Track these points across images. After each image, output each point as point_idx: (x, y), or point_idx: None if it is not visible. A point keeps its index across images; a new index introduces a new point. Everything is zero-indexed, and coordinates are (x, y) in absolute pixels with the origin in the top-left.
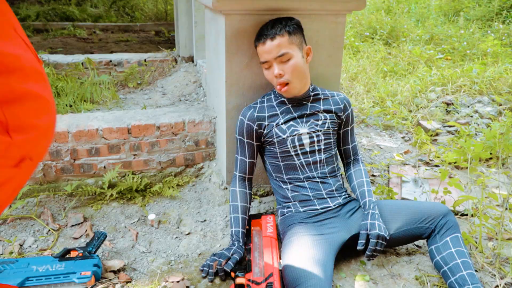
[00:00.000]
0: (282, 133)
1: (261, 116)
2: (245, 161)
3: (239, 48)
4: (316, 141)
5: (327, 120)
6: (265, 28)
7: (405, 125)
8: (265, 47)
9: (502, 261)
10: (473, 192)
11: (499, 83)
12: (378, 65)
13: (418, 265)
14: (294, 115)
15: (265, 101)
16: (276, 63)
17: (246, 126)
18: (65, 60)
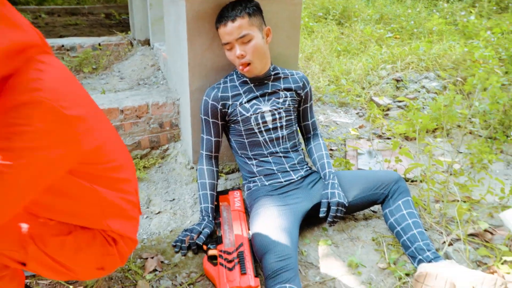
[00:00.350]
0: (246, 112)
1: (225, 96)
2: (211, 140)
3: (200, 30)
4: (278, 118)
5: (287, 98)
6: (226, 10)
7: (359, 102)
8: (226, 28)
9: (448, 220)
10: (421, 160)
11: (444, 60)
12: (332, 44)
13: (374, 228)
14: (256, 94)
15: (228, 82)
16: (238, 44)
17: (211, 106)
18: None
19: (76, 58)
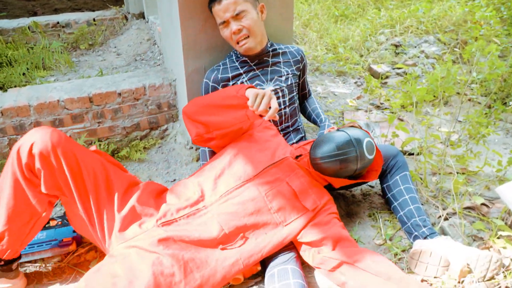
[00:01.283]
0: None
1: (225, 77)
2: None
3: (192, 12)
4: (281, 95)
5: (289, 75)
6: None
7: (357, 70)
8: (221, 6)
9: (444, 193)
10: (419, 133)
11: (443, 22)
12: (329, 9)
13: (372, 203)
14: (257, 73)
15: (227, 63)
16: (233, 20)
17: (212, 88)
18: (10, 25)
19: (72, 35)
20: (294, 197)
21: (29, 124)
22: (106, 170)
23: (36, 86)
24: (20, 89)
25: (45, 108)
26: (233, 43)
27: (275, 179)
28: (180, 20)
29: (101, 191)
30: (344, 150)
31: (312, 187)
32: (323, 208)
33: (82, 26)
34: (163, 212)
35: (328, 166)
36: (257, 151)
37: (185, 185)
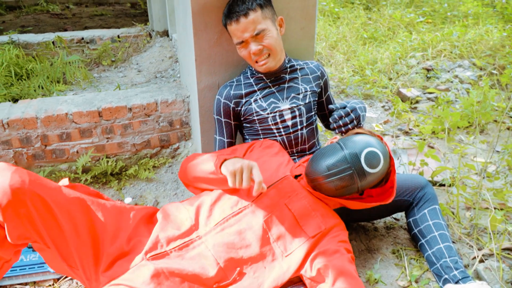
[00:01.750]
0: (263, 111)
1: (238, 93)
2: (224, 141)
3: (207, 24)
4: (298, 115)
5: (307, 92)
6: (234, 4)
7: (385, 94)
8: (240, 25)
9: (479, 231)
10: (451, 162)
11: (479, 46)
12: (358, 31)
13: (396, 238)
14: (272, 90)
15: (241, 79)
16: (253, 40)
17: (223, 105)
18: (35, 39)
19: (95, 51)
20: (294, 222)
21: (35, 137)
22: (86, 209)
23: (48, 99)
24: (31, 101)
25: (53, 121)
26: (252, 63)
27: (274, 203)
28: (193, 31)
29: (82, 235)
30: (337, 169)
31: (316, 209)
32: (329, 233)
33: (105, 43)
34: (152, 242)
35: (323, 187)
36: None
37: (178, 209)
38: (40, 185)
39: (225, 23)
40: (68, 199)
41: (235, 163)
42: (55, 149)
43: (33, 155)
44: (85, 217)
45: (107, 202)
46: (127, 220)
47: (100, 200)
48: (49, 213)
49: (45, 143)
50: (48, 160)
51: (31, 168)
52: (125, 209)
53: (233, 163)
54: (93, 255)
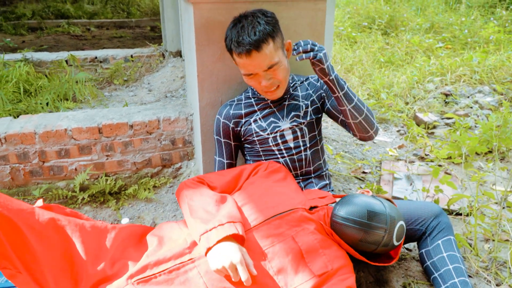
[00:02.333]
0: (262, 131)
1: (237, 113)
2: (223, 162)
3: (210, 39)
4: (300, 135)
5: (308, 109)
6: (243, 32)
7: (400, 118)
8: (252, 60)
9: (499, 265)
10: (469, 189)
11: (501, 72)
12: (374, 55)
13: (407, 270)
14: (273, 109)
15: (242, 98)
16: (264, 73)
17: (223, 125)
18: (49, 57)
19: (108, 70)
20: (299, 257)
21: (33, 152)
22: (62, 231)
23: (49, 114)
24: (32, 116)
25: (51, 137)
26: (259, 91)
27: (279, 233)
28: (196, 47)
29: (58, 259)
30: (374, 223)
31: (325, 248)
32: (336, 274)
33: (118, 62)
34: (141, 266)
35: (348, 231)
36: (258, 199)
37: (172, 229)
38: (9, 207)
39: (230, 49)
40: (42, 221)
41: (220, 258)
42: (53, 165)
43: (30, 172)
44: (60, 239)
45: (86, 222)
46: (109, 241)
47: (78, 220)
48: (20, 236)
49: (43, 159)
50: (46, 177)
51: (28, 185)
52: (106, 229)
53: (217, 256)
54: (70, 279)
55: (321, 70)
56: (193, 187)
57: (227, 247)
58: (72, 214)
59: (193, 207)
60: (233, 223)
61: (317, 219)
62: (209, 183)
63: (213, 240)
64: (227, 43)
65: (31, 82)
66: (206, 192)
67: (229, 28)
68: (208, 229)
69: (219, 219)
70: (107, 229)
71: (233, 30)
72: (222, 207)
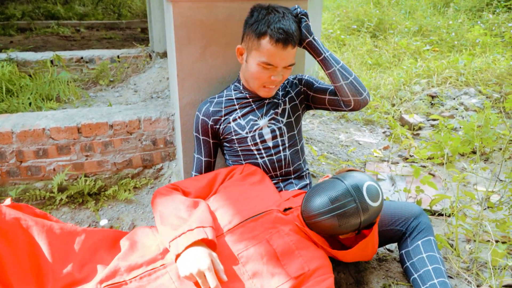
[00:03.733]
0: (241, 130)
1: (217, 111)
2: (201, 159)
3: (190, 38)
4: (279, 134)
5: (286, 106)
6: (285, 23)
7: (386, 120)
8: (284, 53)
9: (479, 266)
10: (451, 190)
11: (486, 74)
12: (363, 58)
13: (388, 271)
14: (253, 107)
15: (223, 95)
16: (281, 70)
17: (201, 122)
18: (34, 57)
19: (93, 71)
20: (275, 259)
21: (10, 152)
22: (28, 232)
23: (28, 113)
24: (10, 115)
25: (29, 136)
26: (258, 84)
27: (253, 236)
28: (176, 46)
29: (22, 260)
30: (340, 203)
31: (302, 248)
32: (313, 275)
33: (104, 62)
34: (111, 271)
35: (324, 224)
36: (232, 202)
37: (146, 235)
38: None
39: (262, 32)
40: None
41: (188, 264)
42: (31, 166)
43: (7, 172)
44: (26, 240)
45: (54, 224)
46: (78, 244)
47: (47, 222)
48: None
49: (20, 159)
50: (23, 177)
51: (5, 185)
52: (76, 232)
53: (186, 263)
54: (36, 282)
55: (306, 26)
56: (166, 194)
57: (196, 253)
58: (41, 215)
59: (164, 214)
60: (202, 228)
61: (292, 220)
62: (184, 189)
63: (181, 246)
64: (260, 26)
65: (14, 82)
66: (178, 198)
67: (258, 11)
68: (177, 235)
69: (189, 224)
70: (77, 231)
71: (270, 15)
72: (193, 212)
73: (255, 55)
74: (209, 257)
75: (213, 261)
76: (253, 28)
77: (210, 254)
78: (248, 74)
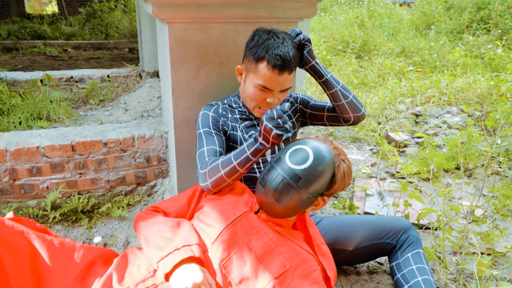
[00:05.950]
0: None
1: (225, 114)
2: (216, 149)
3: (185, 58)
4: (277, 149)
5: None
6: (283, 49)
7: (373, 137)
8: (280, 77)
9: (466, 277)
10: (437, 204)
11: (467, 94)
12: (349, 77)
13: (379, 284)
14: (254, 122)
15: (227, 107)
16: (276, 93)
17: (212, 119)
18: (23, 77)
19: (83, 90)
20: (256, 262)
21: (3, 170)
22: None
23: (21, 132)
24: (3, 134)
25: (23, 155)
26: (254, 104)
27: (234, 243)
28: (171, 65)
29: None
30: (270, 183)
31: (280, 245)
32: (297, 270)
33: (94, 82)
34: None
35: (272, 209)
36: (212, 215)
37: (136, 256)
38: None
39: (261, 57)
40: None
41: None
42: (24, 184)
43: (0, 190)
44: (29, 252)
45: (54, 239)
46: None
47: (47, 236)
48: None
49: (13, 178)
50: (16, 195)
51: None
52: (74, 248)
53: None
54: None
55: (309, 52)
56: (148, 217)
57: (188, 269)
58: (42, 230)
59: (149, 237)
60: (188, 247)
61: (266, 219)
62: (164, 209)
63: (170, 265)
64: (259, 50)
65: (4, 101)
66: (160, 219)
67: (259, 35)
68: (164, 255)
69: (174, 244)
70: (75, 247)
71: (270, 40)
72: (178, 232)
73: (253, 77)
74: (202, 271)
75: (205, 275)
76: (252, 51)
77: (202, 269)
78: (246, 94)
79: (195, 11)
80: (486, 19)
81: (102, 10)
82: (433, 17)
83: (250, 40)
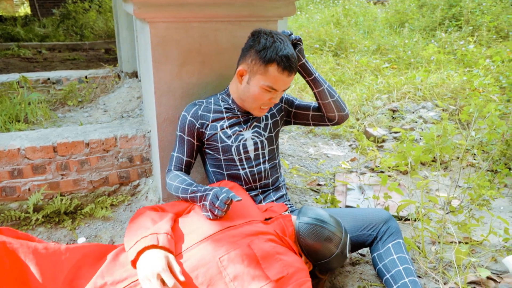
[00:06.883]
0: (227, 139)
1: (205, 115)
2: (182, 158)
3: (167, 57)
4: (260, 147)
5: (268, 121)
6: (290, 52)
7: (352, 133)
8: (288, 78)
9: (445, 265)
10: (415, 196)
11: (441, 89)
12: (326, 75)
13: (362, 274)
14: (240, 119)
15: (212, 102)
16: (280, 93)
17: (188, 123)
18: None
19: (61, 91)
20: (255, 262)
21: None
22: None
23: (0, 134)
24: None
25: (4, 157)
26: (256, 105)
27: (234, 241)
28: (153, 64)
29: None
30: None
31: (281, 253)
32: (292, 278)
33: (72, 83)
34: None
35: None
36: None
37: None
38: None
39: (270, 59)
40: None
41: (144, 268)
42: (5, 186)
43: None
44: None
45: (38, 244)
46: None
47: (30, 243)
48: None
49: None
50: None
51: None
52: (60, 251)
53: (141, 268)
54: None
55: (300, 50)
56: (142, 212)
57: (150, 256)
58: (24, 237)
59: (132, 228)
60: (155, 234)
61: (273, 229)
62: (163, 208)
63: (134, 252)
64: (269, 53)
65: None
66: (149, 213)
67: (265, 38)
68: (132, 244)
69: (146, 232)
70: (61, 250)
71: (276, 43)
72: (158, 223)
73: (260, 79)
74: (164, 258)
75: (169, 262)
76: (261, 54)
77: (165, 256)
78: (248, 95)
79: (176, 11)
80: (457, 16)
81: (76, 11)
82: (406, 15)
83: (256, 43)
